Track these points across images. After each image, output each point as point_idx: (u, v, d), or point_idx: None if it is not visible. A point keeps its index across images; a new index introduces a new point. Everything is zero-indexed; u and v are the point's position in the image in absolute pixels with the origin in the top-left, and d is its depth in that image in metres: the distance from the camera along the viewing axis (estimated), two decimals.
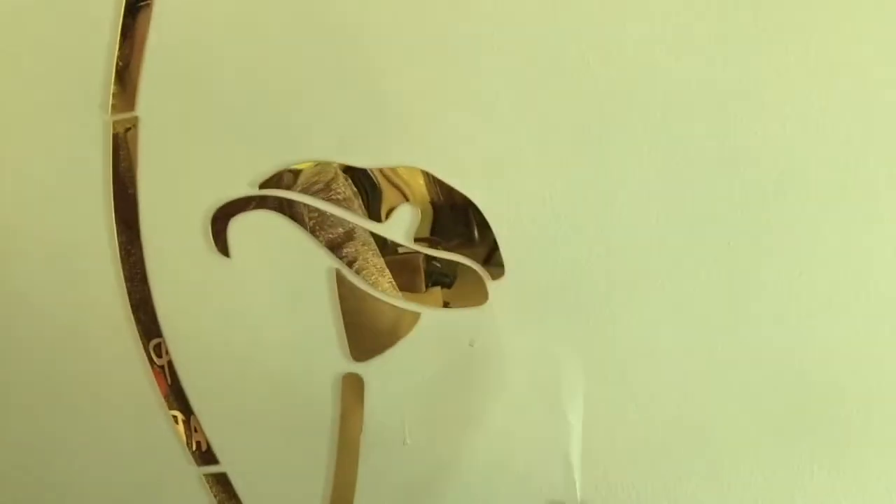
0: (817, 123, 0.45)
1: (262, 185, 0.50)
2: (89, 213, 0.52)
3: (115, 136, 0.50)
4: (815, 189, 0.46)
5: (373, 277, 0.50)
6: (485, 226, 0.48)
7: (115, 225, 0.52)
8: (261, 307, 0.52)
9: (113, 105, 0.50)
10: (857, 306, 0.47)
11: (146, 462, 0.56)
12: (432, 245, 0.49)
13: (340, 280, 0.50)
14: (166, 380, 0.53)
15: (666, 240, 0.47)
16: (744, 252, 0.47)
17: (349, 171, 0.49)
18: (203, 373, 0.53)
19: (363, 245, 0.50)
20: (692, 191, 0.46)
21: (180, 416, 0.55)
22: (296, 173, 0.49)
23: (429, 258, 0.49)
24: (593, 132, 0.46)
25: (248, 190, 0.50)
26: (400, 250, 0.49)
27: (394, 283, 0.50)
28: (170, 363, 0.53)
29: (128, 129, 0.51)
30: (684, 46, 0.45)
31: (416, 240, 0.49)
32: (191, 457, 0.55)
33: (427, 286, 0.50)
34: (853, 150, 0.45)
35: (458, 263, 0.49)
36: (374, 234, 0.50)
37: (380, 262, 0.50)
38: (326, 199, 0.49)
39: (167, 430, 0.54)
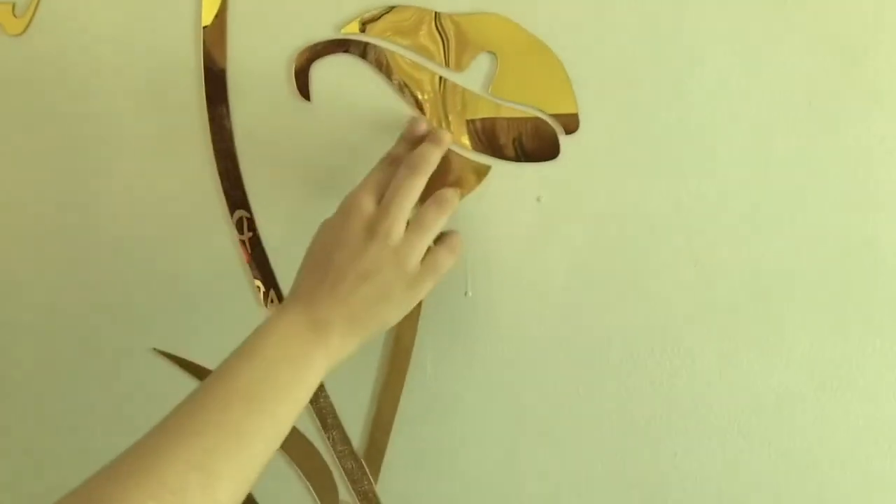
0: None
1: (345, 30, 0.51)
2: (178, 69, 0.54)
3: None
4: None
5: (448, 128, 0.51)
6: (565, 80, 0.49)
7: (203, 78, 0.54)
8: (338, 152, 0.53)
9: None
10: None
11: (216, 301, 0.59)
12: (508, 96, 0.50)
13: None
14: (248, 251, 0.56)
15: (742, 103, 0.47)
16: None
17: (433, 16, 0.50)
18: (277, 210, 0.56)
19: (441, 94, 0.51)
20: (774, 53, 0.46)
21: (261, 286, 0.57)
22: (378, 17, 0.50)
23: (505, 109, 0.50)
24: None
25: (332, 34, 0.51)
26: (477, 101, 0.50)
27: (469, 133, 0.51)
28: (252, 238, 0.56)
29: None
30: None
31: (493, 91, 0.50)
32: (261, 300, 0.58)
33: (502, 140, 0.51)
34: None
35: (532, 117, 0.50)
36: (452, 85, 0.50)
37: (456, 114, 0.51)
38: (408, 45, 0.50)
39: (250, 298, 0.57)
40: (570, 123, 0.49)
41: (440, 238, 0.49)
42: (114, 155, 0.58)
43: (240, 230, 0.56)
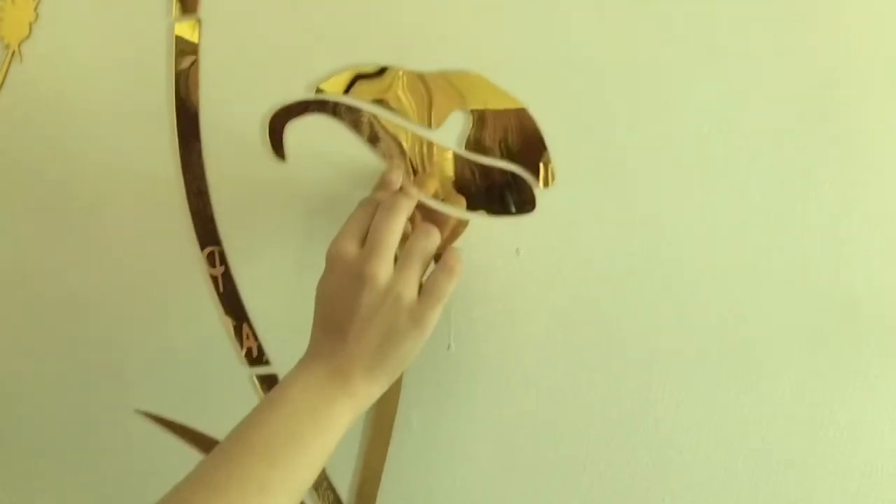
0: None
1: (319, 90, 0.51)
2: (152, 119, 0.54)
3: (178, 32, 0.52)
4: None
5: (424, 184, 0.51)
6: (539, 136, 0.49)
7: (175, 127, 0.53)
8: (314, 211, 0.53)
9: (176, 9, 0.52)
10: None
11: (198, 361, 0.59)
12: (483, 152, 0.50)
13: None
14: (219, 288, 0.56)
15: (716, 148, 0.47)
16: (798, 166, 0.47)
17: (407, 75, 0.50)
18: (257, 279, 0.55)
19: (416, 151, 0.51)
20: (746, 98, 0.47)
21: (232, 322, 0.57)
22: (353, 77, 0.50)
23: (480, 165, 0.50)
24: (648, 37, 0.46)
25: (305, 93, 0.51)
26: (452, 157, 0.50)
27: (445, 189, 0.51)
28: (224, 272, 0.55)
29: (193, 43, 0.52)
30: None
31: (469, 147, 0.50)
32: (243, 359, 0.57)
33: (477, 195, 0.51)
34: None
35: (508, 171, 0.50)
36: (427, 141, 0.51)
37: (432, 168, 0.51)
38: (382, 104, 0.50)
39: (220, 329, 0.57)
40: (546, 177, 0.50)
41: (437, 260, 0.48)
42: (91, 206, 0.58)
43: (211, 264, 0.56)
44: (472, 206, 0.51)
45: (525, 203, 0.50)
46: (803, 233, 0.48)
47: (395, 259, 0.47)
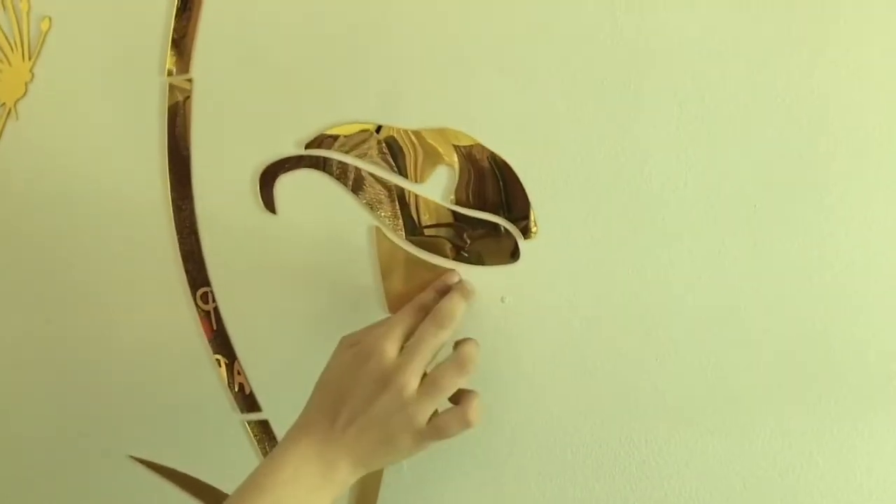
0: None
1: (308, 146, 0.53)
2: (145, 170, 0.55)
3: (172, 90, 0.53)
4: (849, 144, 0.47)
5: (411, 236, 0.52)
6: (518, 186, 0.51)
7: (168, 182, 0.55)
8: (303, 260, 0.55)
9: (169, 70, 0.54)
10: (885, 268, 0.48)
11: (190, 406, 0.60)
12: (467, 205, 0.51)
13: (379, 237, 0.53)
14: (212, 325, 0.57)
15: (696, 200, 0.49)
16: (769, 214, 0.48)
17: (394, 132, 0.51)
18: (247, 321, 0.56)
19: (402, 204, 0.52)
20: (724, 151, 0.48)
21: (224, 361, 0.58)
22: (337, 136, 0.52)
23: (465, 217, 0.52)
24: (626, 90, 0.48)
25: (294, 150, 0.53)
26: (437, 209, 0.52)
27: (432, 241, 0.52)
28: (216, 309, 0.56)
29: (185, 98, 0.54)
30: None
31: (454, 200, 0.51)
32: (234, 403, 0.58)
33: (463, 245, 0.52)
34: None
35: (491, 223, 0.51)
36: (413, 195, 0.52)
37: (418, 221, 0.52)
38: (367, 159, 0.52)
39: (211, 374, 0.58)
40: (528, 228, 0.51)
41: (457, 395, 0.49)
42: (81, 281, 0.59)
43: (204, 301, 0.57)
44: (458, 257, 0.52)
45: (509, 253, 0.52)
46: (783, 285, 0.49)
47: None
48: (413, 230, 0.52)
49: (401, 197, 0.52)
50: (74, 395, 0.63)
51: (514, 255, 0.52)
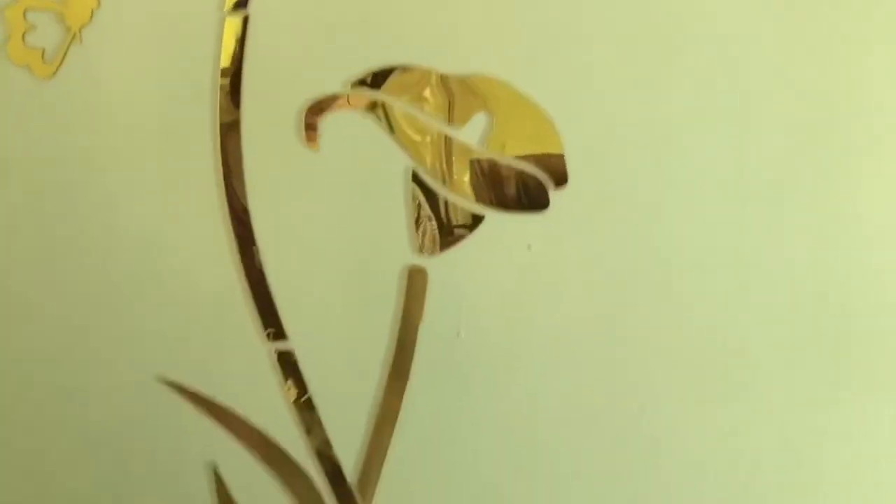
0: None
1: (354, 85, 0.55)
2: (198, 99, 0.58)
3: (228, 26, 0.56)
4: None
5: (446, 179, 0.55)
6: (555, 137, 0.53)
7: (219, 109, 0.57)
8: (340, 200, 0.57)
9: (227, 6, 0.56)
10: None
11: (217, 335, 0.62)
12: (503, 152, 0.54)
13: (415, 178, 0.55)
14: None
15: (718, 159, 0.50)
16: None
17: (436, 77, 0.53)
18: (281, 254, 0.59)
19: (441, 148, 0.54)
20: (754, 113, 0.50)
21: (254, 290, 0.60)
22: (384, 75, 0.54)
23: (498, 164, 0.54)
24: (665, 51, 0.50)
25: (341, 89, 0.55)
26: (473, 156, 0.54)
27: (465, 185, 0.54)
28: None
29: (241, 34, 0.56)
30: None
31: (488, 147, 0.54)
32: (262, 332, 0.61)
33: (494, 192, 0.54)
34: None
35: (524, 170, 0.53)
36: (451, 139, 0.54)
37: (454, 166, 0.54)
38: (412, 102, 0.54)
39: (242, 303, 0.60)
40: (560, 177, 0.53)
41: None
42: (127, 189, 0.61)
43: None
44: (488, 203, 0.54)
45: (539, 201, 0.54)
46: (801, 248, 0.51)
47: None
48: (449, 174, 0.55)
49: (439, 141, 0.54)
50: (105, 317, 0.65)
51: (544, 203, 0.54)
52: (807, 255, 0.50)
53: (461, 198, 0.55)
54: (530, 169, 0.53)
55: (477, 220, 0.55)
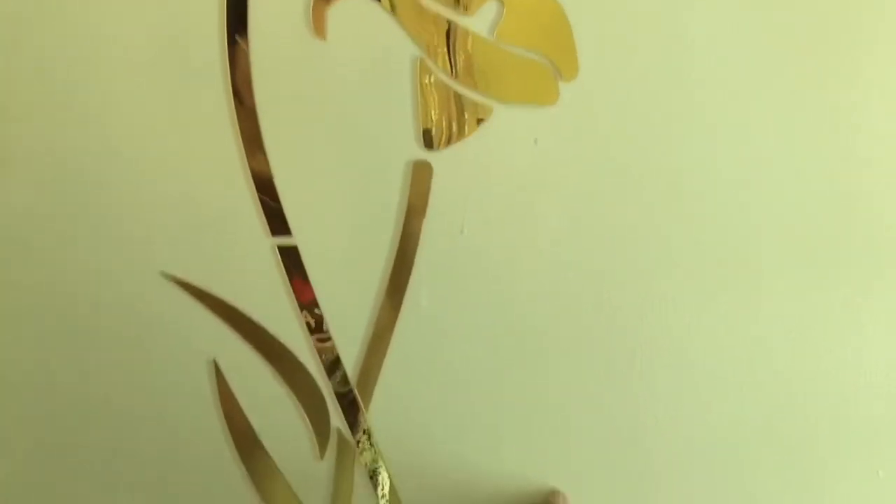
0: None
1: None
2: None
3: None
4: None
5: (454, 69, 0.54)
6: (567, 29, 0.52)
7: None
8: (347, 89, 0.56)
9: None
10: None
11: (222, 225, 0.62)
12: (513, 42, 0.53)
13: (423, 69, 0.54)
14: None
15: (727, 60, 0.49)
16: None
17: None
18: (286, 147, 0.58)
19: (449, 37, 0.54)
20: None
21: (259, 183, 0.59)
22: None
23: (507, 53, 0.53)
24: None
25: None
26: (481, 46, 0.53)
27: (473, 76, 0.54)
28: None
29: None
30: None
31: (498, 35, 0.53)
32: (266, 225, 0.60)
33: (503, 82, 0.53)
34: None
35: (534, 61, 0.53)
36: (460, 29, 0.53)
37: (463, 56, 0.54)
38: None
39: (246, 195, 0.60)
40: (570, 71, 0.52)
41: None
42: (134, 90, 0.61)
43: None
44: (496, 94, 0.54)
45: (548, 95, 0.53)
46: (808, 146, 0.50)
47: None
48: (456, 64, 0.54)
49: (448, 30, 0.54)
50: (110, 213, 0.65)
51: (552, 96, 0.53)
52: (815, 149, 0.50)
53: (467, 89, 0.54)
54: (540, 60, 0.53)
55: (484, 112, 0.54)
